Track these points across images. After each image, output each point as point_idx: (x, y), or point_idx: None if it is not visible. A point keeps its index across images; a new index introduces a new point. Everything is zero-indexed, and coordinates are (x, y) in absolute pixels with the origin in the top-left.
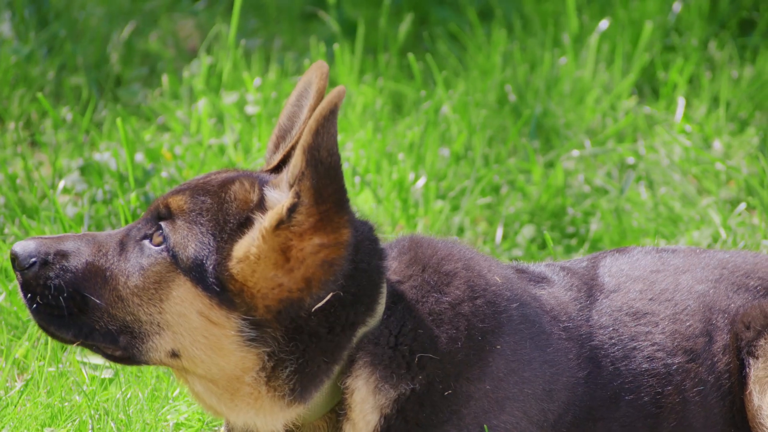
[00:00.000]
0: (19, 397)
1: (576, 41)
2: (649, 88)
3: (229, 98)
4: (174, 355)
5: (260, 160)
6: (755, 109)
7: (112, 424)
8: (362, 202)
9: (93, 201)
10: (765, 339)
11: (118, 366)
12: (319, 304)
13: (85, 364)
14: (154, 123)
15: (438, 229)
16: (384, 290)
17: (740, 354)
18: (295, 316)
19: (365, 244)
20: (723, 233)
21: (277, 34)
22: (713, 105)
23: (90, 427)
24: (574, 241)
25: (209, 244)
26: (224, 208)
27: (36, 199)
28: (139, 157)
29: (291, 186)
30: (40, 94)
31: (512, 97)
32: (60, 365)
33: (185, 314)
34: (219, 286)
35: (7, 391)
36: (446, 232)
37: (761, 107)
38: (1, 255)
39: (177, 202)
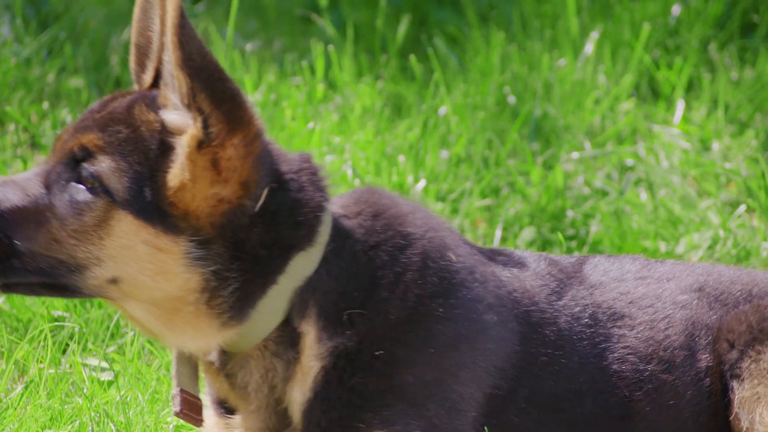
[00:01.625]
0: (20, 400)
1: (575, 43)
2: (648, 89)
3: None
4: (114, 281)
5: None
6: (755, 111)
7: (113, 427)
8: None
9: None
10: (749, 359)
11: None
12: (261, 202)
13: (85, 366)
14: None
15: None
16: (325, 220)
17: (723, 377)
18: (239, 226)
19: (303, 176)
20: (723, 235)
21: (277, 36)
22: (713, 107)
23: (90, 429)
24: (574, 243)
25: (141, 174)
26: (141, 136)
27: None
28: None
29: (188, 106)
30: (36, 102)
31: (511, 99)
32: (60, 367)
33: (130, 246)
34: (162, 214)
35: (7, 393)
36: None
37: (761, 109)
38: None
39: (91, 140)
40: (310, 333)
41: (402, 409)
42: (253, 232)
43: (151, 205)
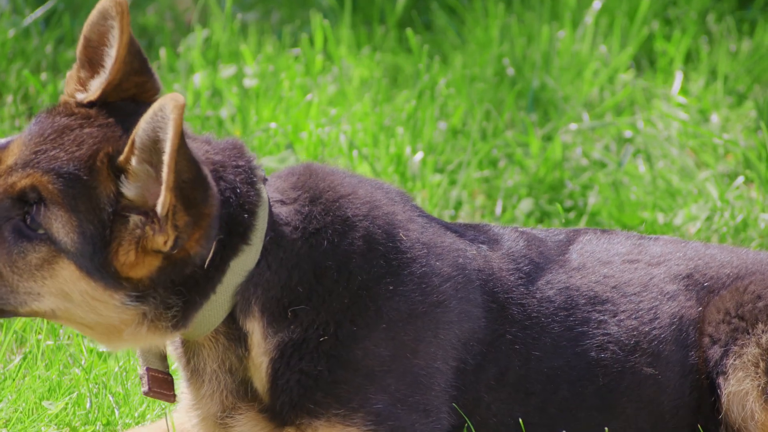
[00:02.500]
0: (18, 371)
1: (574, 14)
2: (647, 61)
3: (226, 71)
4: (52, 313)
5: (259, 133)
6: (753, 83)
7: (110, 398)
8: None
9: None
10: (733, 354)
11: None
12: (208, 259)
13: (83, 337)
14: None
15: (436, 202)
16: (261, 215)
17: (709, 374)
18: (180, 274)
19: (229, 176)
20: (721, 207)
21: (275, 7)
22: (711, 78)
23: (88, 400)
24: (572, 215)
25: (90, 233)
26: (97, 197)
27: None
28: None
29: (164, 218)
30: (26, 72)
31: (510, 71)
32: (58, 339)
33: (68, 292)
34: (103, 273)
35: (5, 364)
36: (444, 206)
37: (759, 80)
38: None
39: (45, 185)
40: (255, 331)
41: (358, 385)
42: (194, 265)
43: (95, 263)
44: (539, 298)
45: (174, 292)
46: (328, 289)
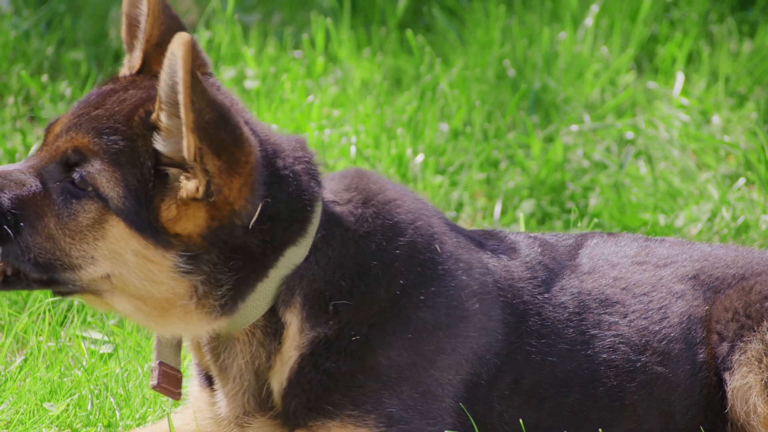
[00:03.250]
0: (19, 372)
1: (575, 16)
2: (648, 62)
3: (227, 73)
4: (107, 277)
5: None
6: (754, 84)
7: (112, 399)
8: None
9: None
10: (739, 351)
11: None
12: (254, 219)
13: (84, 339)
14: None
15: (437, 203)
16: (317, 210)
17: (717, 370)
18: (233, 236)
19: (289, 160)
20: (722, 208)
21: (276, 9)
22: (712, 80)
23: (89, 401)
24: (573, 216)
25: (135, 188)
26: (136, 152)
27: None
28: None
29: (193, 161)
30: (24, 72)
31: (511, 72)
32: (59, 340)
33: (120, 252)
34: (153, 229)
35: (6, 366)
36: (445, 207)
37: (760, 82)
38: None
39: (86, 144)
40: (293, 324)
41: (373, 389)
42: (248, 236)
43: (143, 219)
44: (554, 305)
45: (227, 267)
46: (370, 288)
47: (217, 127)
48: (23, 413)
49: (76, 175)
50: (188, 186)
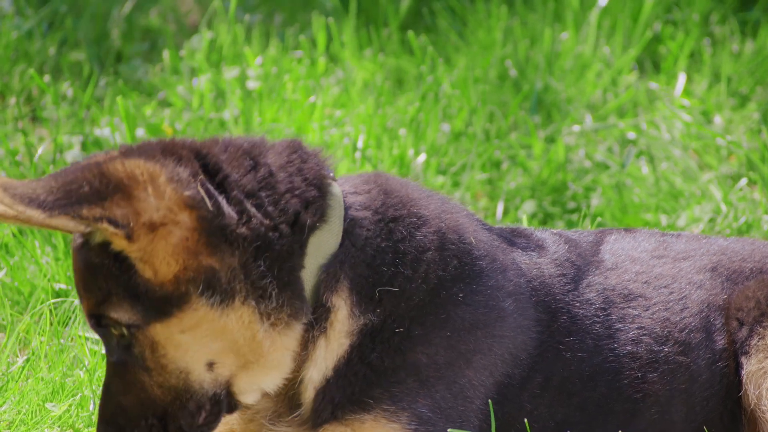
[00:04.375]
0: (21, 373)
1: (577, 16)
2: (650, 63)
3: (229, 73)
4: (210, 368)
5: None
6: (756, 84)
7: None
8: None
9: None
10: (757, 335)
11: None
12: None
13: (87, 339)
14: (155, 98)
15: None
16: (334, 193)
17: (736, 356)
18: (224, 239)
19: (285, 154)
20: (724, 208)
21: (278, 10)
22: (714, 80)
23: (91, 402)
24: (575, 216)
25: (127, 291)
26: (107, 268)
27: (37, 175)
28: (140, 132)
29: (96, 226)
30: (32, 71)
31: (513, 73)
32: (61, 340)
33: (180, 344)
34: (160, 302)
35: (8, 366)
36: None
37: (762, 82)
38: (1, 230)
39: (89, 306)
40: (342, 308)
41: (411, 387)
42: (247, 230)
43: (149, 306)
44: (582, 302)
45: (258, 272)
46: (409, 277)
47: (67, 194)
48: (25, 413)
49: (104, 328)
50: (119, 243)
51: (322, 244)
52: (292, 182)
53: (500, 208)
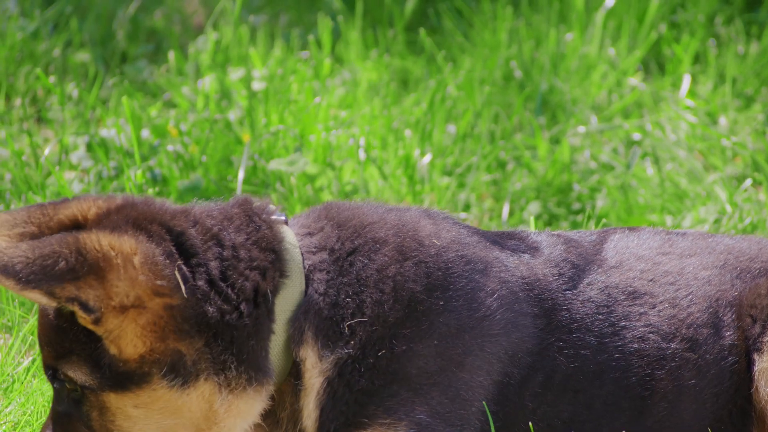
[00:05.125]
0: (27, 374)
1: (582, 17)
2: (655, 64)
3: (235, 74)
4: None
5: (267, 136)
6: (761, 85)
7: None
8: (368, 179)
9: (99, 177)
10: None
11: None
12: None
13: None
14: (160, 99)
15: (444, 205)
16: (285, 249)
17: (748, 353)
18: (184, 319)
19: (227, 234)
20: (729, 209)
21: (283, 10)
22: (719, 81)
23: None
24: (580, 217)
25: (90, 358)
26: (74, 337)
27: (42, 176)
28: (146, 133)
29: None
30: (38, 71)
31: (518, 74)
32: None
33: (131, 416)
34: (126, 376)
35: (14, 367)
36: (452, 209)
37: (767, 83)
38: None
39: (47, 357)
40: (309, 356)
41: (405, 397)
42: (218, 321)
43: (113, 376)
44: (582, 300)
45: (214, 343)
46: (378, 301)
47: (43, 269)
48: (30, 414)
49: (58, 382)
50: (87, 323)
51: (288, 300)
52: (251, 256)
53: (506, 209)
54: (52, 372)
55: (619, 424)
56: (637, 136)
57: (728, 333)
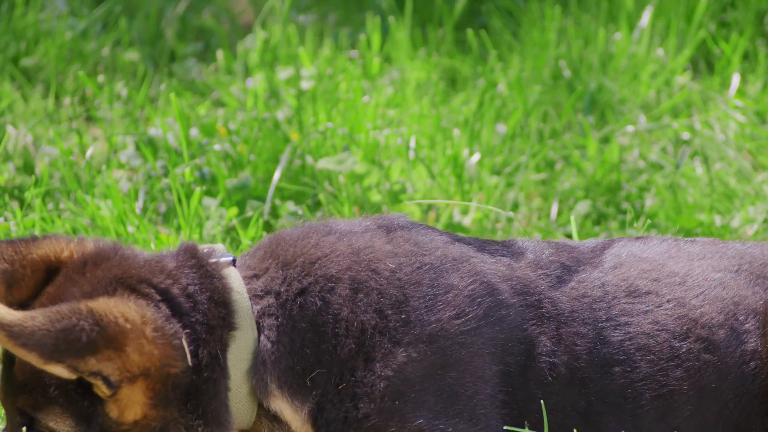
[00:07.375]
0: None
1: (630, 17)
2: (704, 63)
3: (283, 73)
4: None
5: (315, 135)
6: None
7: None
8: (416, 178)
9: (148, 176)
10: None
11: None
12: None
13: None
14: (209, 98)
15: (493, 204)
16: (236, 297)
17: None
18: (178, 383)
19: (174, 289)
20: None
21: (331, 10)
22: None
23: None
24: (629, 216)
25: (80, 413)
26: (66, 391)
27: (91, 175)
28: (194, 132)
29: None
30: (82, 72)
31: (567, 73)
32: None
33: None
34: None
35: None
36: (501, 208)
37: None
38: (57, 230)
39: (25, 403)
40: (285, 409)
41: (395, 409)
42: (189, 387)
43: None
44: (574, 296)
45: (188, 410)
46: (333, 343)
47: (67, 343)
48: None
49: (24, 426)
50: (101, 393)
51: (241, 351)
52: (211, 315)
53: (554, 208)
54: (28, 421)
55: (644, 422)
56: (686, 135)
57: (750, 338)
